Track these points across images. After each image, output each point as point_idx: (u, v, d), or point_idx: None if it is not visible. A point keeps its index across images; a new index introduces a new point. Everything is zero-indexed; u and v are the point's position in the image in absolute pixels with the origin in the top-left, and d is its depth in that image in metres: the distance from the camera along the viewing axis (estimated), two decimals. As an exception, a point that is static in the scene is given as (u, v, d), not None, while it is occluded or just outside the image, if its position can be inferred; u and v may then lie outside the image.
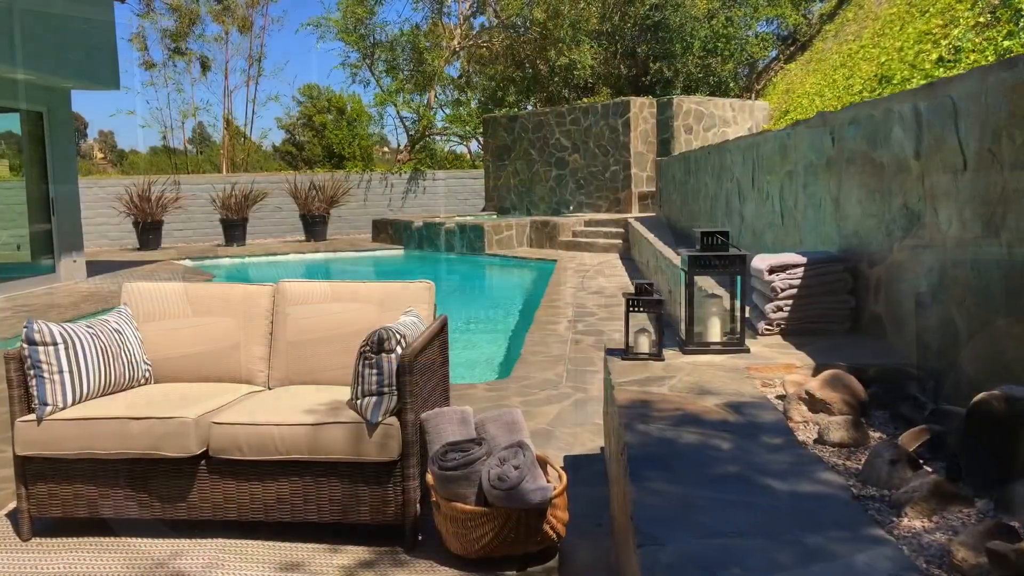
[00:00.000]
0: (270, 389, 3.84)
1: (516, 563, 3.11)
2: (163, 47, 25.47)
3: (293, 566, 3.10)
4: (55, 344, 3.36)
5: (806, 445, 2.49)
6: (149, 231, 18.06)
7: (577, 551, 3.26)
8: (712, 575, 1.64)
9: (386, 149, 32.52)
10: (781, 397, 3.03)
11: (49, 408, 3.31)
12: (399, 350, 3.24)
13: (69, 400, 3.37)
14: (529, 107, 24.11)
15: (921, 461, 2.22)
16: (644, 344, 3.62)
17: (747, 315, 3.90)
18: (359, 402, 3.23)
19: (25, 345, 3.33)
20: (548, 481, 3.17)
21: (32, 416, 3.32)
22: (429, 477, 3.21)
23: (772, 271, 4.05)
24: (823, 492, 2.06)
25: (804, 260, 4.03)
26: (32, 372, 3.32)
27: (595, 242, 14.88)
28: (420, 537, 3.31)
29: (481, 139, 23.83)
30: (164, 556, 3.22)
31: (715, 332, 3.72)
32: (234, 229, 18.88)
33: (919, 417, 2.57)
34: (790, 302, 3.99)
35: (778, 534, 1.82)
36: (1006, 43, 7.15)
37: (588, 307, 9.02)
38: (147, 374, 3.82)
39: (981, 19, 8.08)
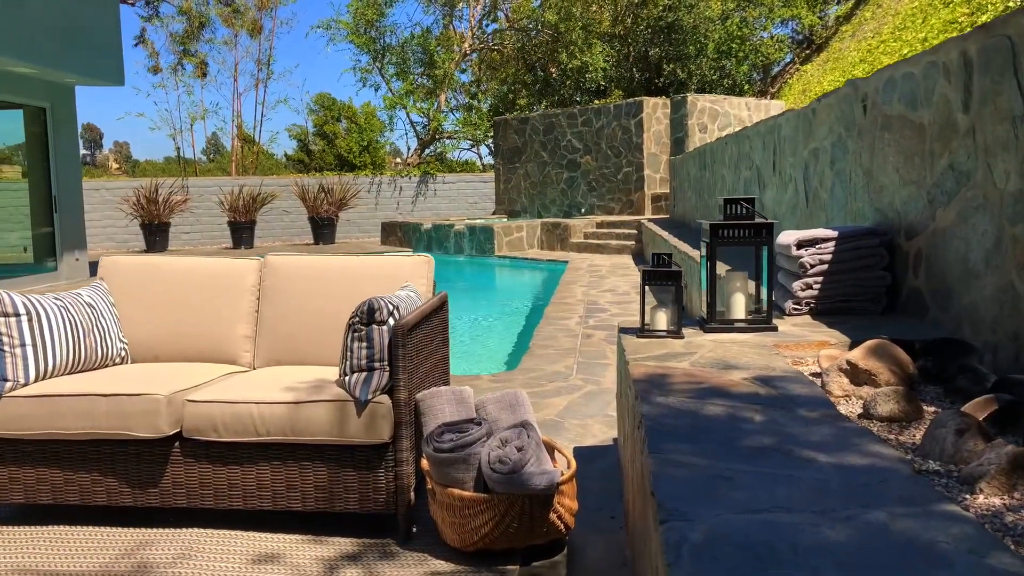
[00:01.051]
0: (255, 370, 3.54)
1: (519, 557, 2.79)
2: (172, 50, 25.39)
3: (269, 558, 2.79)
4: (17, 315, 3.08)
5: (850, 419, 2.17)
6: (156, 233, 17.85)
7: (588, 545, 2.94)
8: (757, 556, 1.32)
9: (398, 160, 32.36)
10: (816, 375, 2.71)
11: (9, 384, 3.02)
12: (391, 322, 2.94)
13: (32, 376, 3.08)
14: (540, 110, 23.86)
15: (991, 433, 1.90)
16: (662, 321, 3.30)
17: (773, 295, 3.58)
18: (347, 379, 2.93)
19: (-16, 315, 3.05)
20: (555, 466, 2.86)
21: (-9, 393, 3.04)
22: (424, 462, 2.90)
23: (800, 246, 3.73)
24: (877, 465, 1.74)
25: (835, 234, 3.71)
26: (-9, 345, 3.04)
27: (608, 243, 14.57)
28: (415, 529, 3.00)
29: (491, 144, 23.57)
30: (131, 546, 2.92)
31: (739, 309, 3.40)
32: (242, 232, 18.67)
33: (979, 390, 2.25)
34: (820, 279, 3.67)
35: (831, 510, 1.51)
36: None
37: (600, 304, 8.70)
38: (123, 353, 3.53)
39: (1012, 3, 7.75)
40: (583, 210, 17.98)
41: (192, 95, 35.34)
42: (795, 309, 3.70)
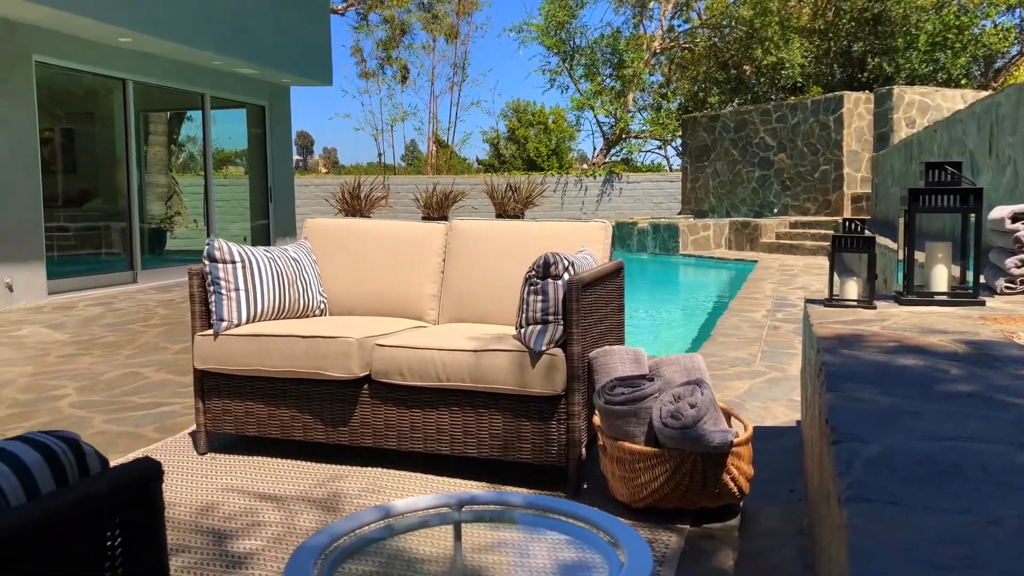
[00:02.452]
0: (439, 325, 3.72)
1: (689, 518, 2.75)
2: (376, 56, 27.06)
3: (446, 495, 2.92)
4: (233, 262, 3.41)
5: (1065, 380, 1.96)
6: (356, 227, 19.04)
7: (762, 513, 2.84)
8: (939, 471, 1.24)
9: (585, 166, 32.61)
10: (1027, 346, 2.47)
11: (225, 324, 3.36)
12: (566, 277, 2.98)
13: (244, 317, 3.41)
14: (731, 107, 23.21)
15: None
16: (852, 290, 3.13)
17: (981, 272, 3.29)
18: (523, 331, 3.01)
19: (206, 261, 3.41)
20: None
21: (210, 331, 3.39)
22: (596, 417, 2.92)
23: (1016, 219, 3.41)
24: (1095, 414, 1.57)
25: (1059, 206, 3.36)
26: (211, 288, 3.40)
27: (802, 244, 13.90)
28: (585, 485, 3.03)
29: (678, 144, 23.20)
30: (325, 478, 3.16)
31: (940, 282, 3.16)
32: (434, 227, 19.53)
33: None
34: (1039, 255, 3.33)
35: (1032, 444, 1.38)
36: None
37: (790, 300, 8.33)
38: (322, 306, 3.82)
39: None
40: (775, 210, 17.27)
41: (393, 98, 37.38)
42: (1008, 288, 3.38)
